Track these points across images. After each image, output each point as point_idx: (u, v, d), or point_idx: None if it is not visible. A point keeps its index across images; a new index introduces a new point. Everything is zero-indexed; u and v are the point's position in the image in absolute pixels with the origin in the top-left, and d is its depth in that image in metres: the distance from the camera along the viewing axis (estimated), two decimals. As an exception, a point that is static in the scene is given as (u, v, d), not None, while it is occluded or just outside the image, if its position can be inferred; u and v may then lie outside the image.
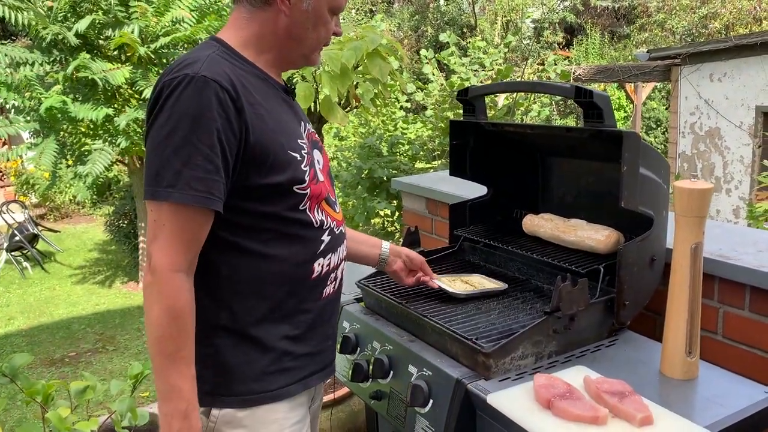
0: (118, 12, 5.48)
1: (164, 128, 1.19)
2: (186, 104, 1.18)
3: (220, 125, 1.19)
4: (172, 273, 1.19)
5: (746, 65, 7.17)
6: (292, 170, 1.30)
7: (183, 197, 1.17)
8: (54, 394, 2.08)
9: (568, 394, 1.30)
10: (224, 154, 1.21)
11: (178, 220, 1.19)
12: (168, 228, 1.19)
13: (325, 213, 1.41)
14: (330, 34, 1.40)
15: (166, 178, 1.17)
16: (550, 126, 1.92)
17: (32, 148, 5.86)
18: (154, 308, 1.19)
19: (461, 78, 6.24)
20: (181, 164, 1.17)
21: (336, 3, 1.37)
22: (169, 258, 1.18)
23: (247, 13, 1.33)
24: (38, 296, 6.85)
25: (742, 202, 7.26)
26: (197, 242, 1.23)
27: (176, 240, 1.19)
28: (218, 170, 1.20)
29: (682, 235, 1.42)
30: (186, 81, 1.19)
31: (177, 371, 1.20)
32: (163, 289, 1.18)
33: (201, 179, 1.18)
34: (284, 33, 1.34)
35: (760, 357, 1.55)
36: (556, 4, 16.98)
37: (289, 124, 1.36)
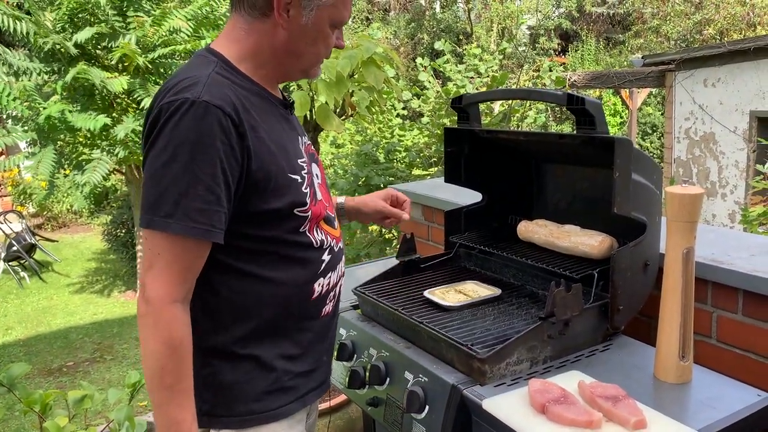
0: (115, 23, 5.50)
1: (163, 155, 1.14)
2: (186, 131, 1.13)
3: (222, 153, 1.15)
4: (168, 304, 1.15)
5: (740, 70, 7.22)
6: (293, 194, 1.28)
7: (181, 228, 1.13)
8: (52, 404, 2.09)
9: (562, 399, 1.31)
10: (227, 182, 1.17)
11: (175, 251, 1.15)
12: (164, 258, 1.14)
13: (324, 232, 1.38)
14: (330, 48, 1.35)
15: (163, 207, 1.13)
16: (543, 133, 1.94)
17: (30, 157, 5.87)
18: (150, 341, 1.16)
19: (457, 85, 6.27)
20: (180, 194, 1.13)
21: (338, 17, 1.30)
22: (165, 289, 1.15)
23: (245, 24, 1.28)
24: (36, 306, 6.84)
25: (737, 207, 7.29)
26: (194, 273, 1.19)
27: (173, 270, 1.15)
28: (219, 200, 1.16)
29: (673, 241, 1.44)
30: (187, 106, 1.14)
31: (177, 404, 1.18)
32: (160, 320, 1.15)
33: (201, 210, 1.14)
34: (282, 47, 1.28)
35: (753, 360, 1.56)
36: (552, 11, 17.06)
37: (289, 144, 1.32)
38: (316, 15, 1.26)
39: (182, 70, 1.25)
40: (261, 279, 1.28)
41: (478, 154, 2.05)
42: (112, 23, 5.48)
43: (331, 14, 1.28)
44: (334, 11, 1.28)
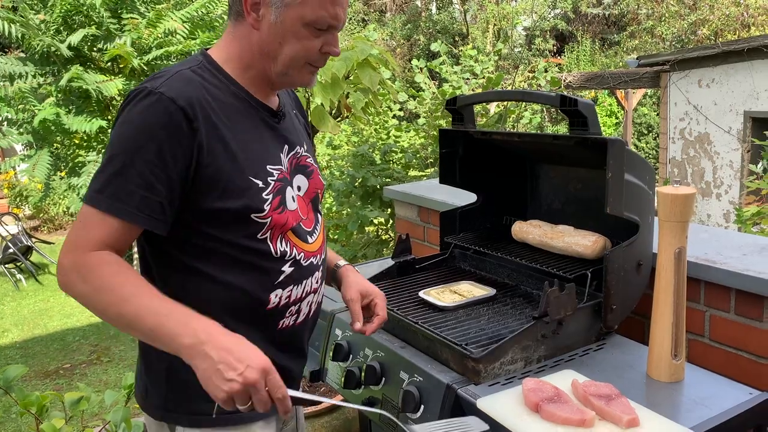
0: (110, 24, 5.50)
1: (113, 135, 1.19)
2: (135, 116, 1.17)
3: (165, 143, 1.16)
4: (67, 254, 1.15)
5: (734, 71, 7.25)
6: (250, 197, 1.24)
7: (106, 206, 1.15)
8: (48, 406, 2.09)
9: (556, 398, 1.32)
10: (166, 172, 1.17)
11: (96, 224, 1.15)
12: (84, 225, 1.16)
13: (291, 244, 1.33)
14: (313, 52, 1.28)
15: (97, 183, 1.17)
16: (537, 134, 1.95)
17: (25, 160, 5.86)
18: (76, 293, 1.14)
19: (453, 86, 6.28)
20: (113, 173, 1.15)
21: (311, 15, 1.23)
22: (78, 245, 1.15)
23: (231, 28, 1.30)
24: (32, 308, 6.82)
25: (731, 207, 7.32)
26: (109, 247, 1.17)
27: (89, 236, 1.15)
28: (152, 187, 1.16)
29: (665, 240, 1.45)
30: (143, 94, 1.18)
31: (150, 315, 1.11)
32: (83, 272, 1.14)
33: (130, 192, 1.15)
34: (258, 49, 1.27)
35: (745, 359, 1.58)
36: (547, 12, 17.10)
37: (260, 148, 1.30)
38: (285, 13, 1.22)
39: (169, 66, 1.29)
40: (211, 279, 1.26)
41: (473, 155, 2.06)
42: (107, 25, 5.47)
43: (302, 13, 1.22)
44: (305, 9, 1.22)
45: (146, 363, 1.36)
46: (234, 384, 1.05)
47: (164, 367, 1.30)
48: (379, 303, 1.51)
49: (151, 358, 1.33)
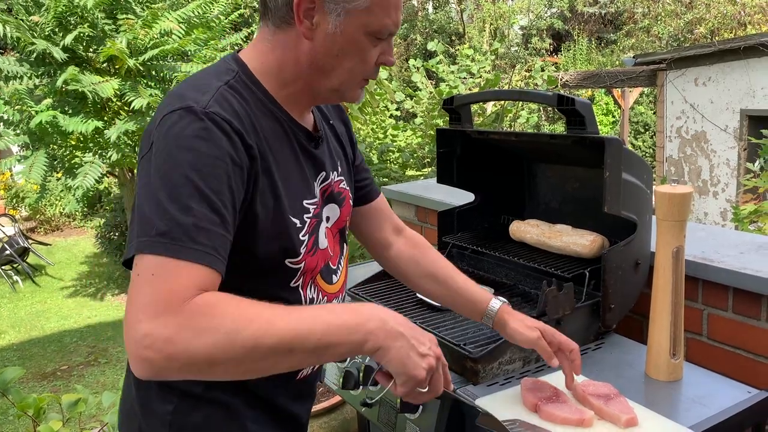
0: (105, 25, 5.49)
1: (160, 169, 0.94)
2: (191, 142, 0.95)
3: (231, 170, 0.97)
4: (158, 318, 0.86)
5: (730, 69, 7.26)
6: (285, 239, 1.08)
7: (178, 250, 0.90)
8: (46, 408, 2.09)
9: (554, 398, 1.32)
10: (233, 204, 0.97)
11: (177, 274, 0.89)
12: (153, 279, 0.89)
13: (317, 289, 1.18)
14: (371, 64, 1.11)
15: (157, 225, 0.91)
16: (534, 133, 1.95)
17: (22, 161, 5.85)
18: (198, 352, 0.86)
19: (450, 86, 6.29)
20: (179, 210, 0.92)
21: (376, 25, 1.06)
22: (164, 308, 0.87)
23: (270, 34, 1.10)
24: (29, 310, 6.81)
25: (728, 205, 7.33)
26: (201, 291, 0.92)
27: (158, 295, 0.88)
28: (224, 223, 0.95)
29: (663, 239, 1.45)
30: (193, 114, 0.97)
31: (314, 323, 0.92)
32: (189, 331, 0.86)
33: (203, 230, 0.92)
34: (306, 62, 1.08)
35: (743, 357, 1.58)
36: (544, 11, 17.12)
37: (299, 181, 1.13)
38: (346, 21, 1.04)
39: (196, 75, 1.10)
40: None
41: (470, 154, 2.06)
42: (101, 26, 5.46)
43: (366, 21, 1.05)
44: (369, 18, 1.05)
45: (143, 403, 1.16)
46: (429, 358, 0.98)
47: (170, 410, 1.12)
48: (562, 338, 1.34)
49: (151, 398, 1.14)
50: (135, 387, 1.17)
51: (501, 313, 1.37)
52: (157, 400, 1.13)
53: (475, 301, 1.40)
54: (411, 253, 1.46)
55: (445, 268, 1.43)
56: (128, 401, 1.21)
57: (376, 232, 1.47)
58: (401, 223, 1.51)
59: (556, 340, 1.33)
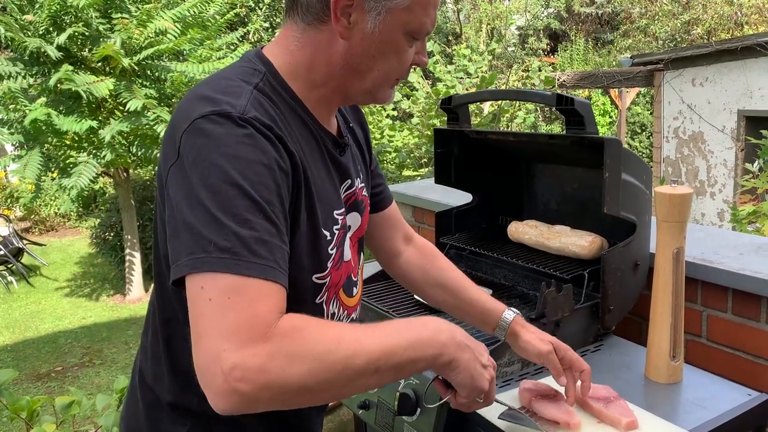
0: (99, 24, 5.46)
1: (206, 179, 0.87)
2: (234, 149, 0.88)
3: (279, 178, 0.91)
4: (249, 347, 0.80)
5: (728, 70, 7.27)
6: (316, 254, 1.03)
7: (242, 266, 0.84)
8: (39, 410, 2.07)
9: (550, 397, 1.30)
10: (284, 215, 0.92)
11: (243, 293, 0.83)
12: (228, 305, 0.82)
13: (338, 303, 1.13)
14: (406, 65, 1.06)
15: (214, 241, 0.84)
16: (533, 133, 1.94)
17: (16, 160, 5.82)
18: (292, 380, 0.82)
19: (447, 86, 6.28)
20: (236, 223, 0.85)
21: (416, 24, 1.01)
22: (248, 335, 0.81)
23: (299, 33, 1.03)
24: (23, 311, 6.78)
25: (726, 206, 7.34)
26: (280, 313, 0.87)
27: (241, 321, 0.82)
28: (280, 234, 0.89)
29: (663, 241, 1.44)
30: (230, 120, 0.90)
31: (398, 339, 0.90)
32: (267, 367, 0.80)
33: (264, 242, 0.86)
34: (341, 62, 1.02)
35: (743, 359, 1.57)
36: (541, 11, 17.13)
37: (330, 191, 1.08)
38: (386, 20, 0.99)
39: (222, 75, 1.02)
40: None
41: (468, 154, 2.04)
42: (96, 25, 5.44)
43: (405, 20, 1.00)
44: (409, 17, 1.00)
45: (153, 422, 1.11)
46: (490, 369, 1.00)
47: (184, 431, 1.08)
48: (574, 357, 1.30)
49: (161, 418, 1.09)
50: (144, 405, 1.12)
51: (514, 324, 1.34)
52: (168, 422, 1.08)
53: (488, 311, 1.36)
54: (420, 263, 1.42)
55: (455, 279, 1.39)
56: (134, 417, 1.15)
57: (388, 242, 1.42)
58: (411, 231, 1.46)
59: (567, 357, 1.29)
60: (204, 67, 5.79)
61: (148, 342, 1.13)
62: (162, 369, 1.08)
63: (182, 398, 1.06)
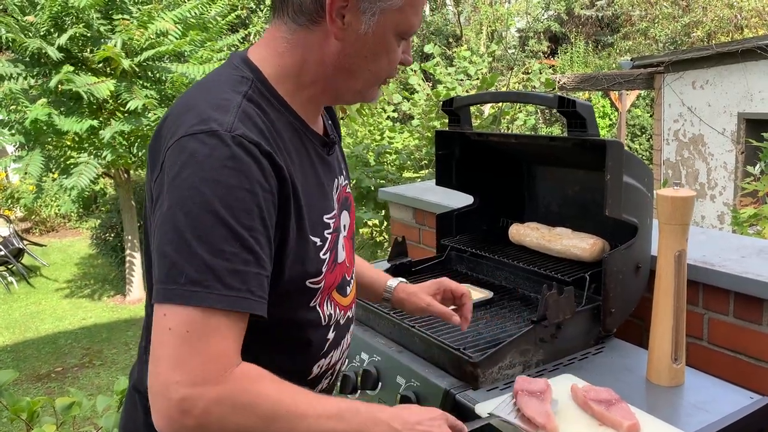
0: (100, 26, 5.47)
1: (185, 205, 0.87)
2: (216, 173, 0.88)
3: (262, 200, 0.91)
4: (201, 386, 0.85)
5: (728, 72, 7.27)
6: (308, 261, 1.04)
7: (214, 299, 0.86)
8: (39, 411, 2.07)
9: (538, 394, 1.28)
10: (267, 236, 0.92)
11: (203, 327, 0.85)
12: (186, 338, 0.85)
13: (334, 304, 1.14)
14: (395, 64, 1.08)
15: (186, 272, 0.86)
16: (534, 136, 1.94)
17: (17, 161, 5.82)
18: (228, 425, 0.86)
19: (447, 87, 6.28)
20: (209, 252, 0.86)
21: (406, 25, 1.04)
22: (202, 374, 0.85)
23: (289, 33, 1.02)
24: (24, 311, 6.77)
25: (726, 208, 7.34)
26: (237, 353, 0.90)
27: (197, 359, 0.85)
28: (258, 260, 0.90)
29: (665, 243, 1.43)
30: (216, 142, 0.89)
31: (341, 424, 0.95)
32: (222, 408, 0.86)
33: (236, 272, 0.88)
34: (333, 62, 1.03)
35: (744, 362, 1.56)
36: (541, 14, 17.14)
37: (320, 195, 1.08)
38: (379, 22, 1.00)
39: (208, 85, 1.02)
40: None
41: (470, 156, 2.04)
42: (97, 26, 5.44)
43: (397, 21, 1.02)
44: (401, 18, 1.02)
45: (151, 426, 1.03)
46: None
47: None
48: (455, 288, 1.42)
49: None
50: (142, 410, 1.11)
51: (397, 292, 1.42)
52: None
53: (374, 283, 1.43)
54: None
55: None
56: (133, 420, 1.15)
57: None
58: None
59: (450, 293, 1.42)
60: (205, 68, 5.79)
61: (143, 348, 1.13)
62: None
63: None
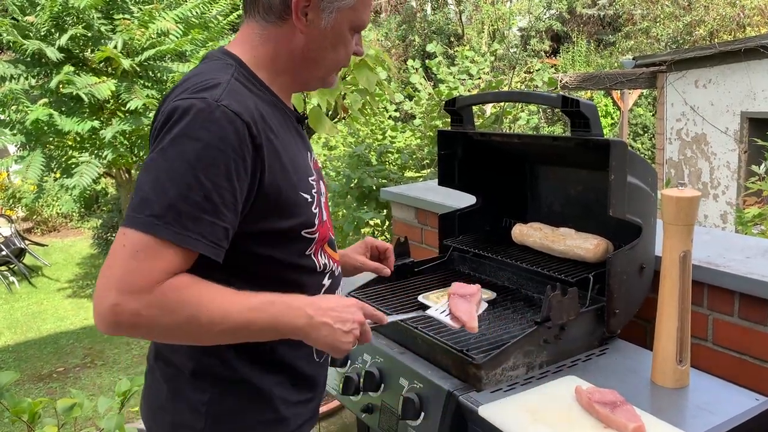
0: (101, 25, 5.46)
1: (166, 153, 1.04)
2: (198, 132, 1.05)
3: (232, 163, 1.06)
4: (131, 294, 1.01)
5: (731, 71, 7.25)
6: (304, 213, 1.21)
7: (168, 234, 1.02)
8: (41, 412, 2.06)
9: (468, 296, 1.45)
10: (233, 194, 1.07)
11: (150, 252, 1.02)
12: (135, 253, 1.02)
13: (327, 255, 1.32)
14: (350, 54, 1.28)
15: (153, 207, 1.02)
16: (537, 135, 1.93)
17: (18, 161, 5.81)
18: (159, 329, 1.05)
19: (449, 87, 6.26)
20: (175, 196, 1.02)
21: (358, 20, 1.23)
22: (138, 286, 1.01)
23: (261, 29, 1.21)
24: (25, 311, 6.77)
25: (729, 207, 7.32)
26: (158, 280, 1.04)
27: (139, 266, 1.02)
28: (216, 211, 1.06)
29: (670, 244, 1.42)
30: (203, 107, 1.06)
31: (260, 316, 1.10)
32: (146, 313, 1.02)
33: (194, 218, 1.04)
34: (300, 53, 1.21)
35: (749, 363, 1.55)
36: (543, 13, 17.11)
37: (301, 160, 1.25)
38: (336, 18, 1.20)
39: (199, 71, 1.18)
40: None
41: (472, 156, 2.03)
42: (98, 26, 5.43)
43: (351, 17, 1.22)
44: (354, 14, 1.22)
45: (175, 395, 1.23)
46: (355, 330, 1.18)
47: (205, 399, 1.20)
48: (378, 244, 1.64)
49: (183, 389, 1.22)
50: (164, 380, 1.24)
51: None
52: (190, 391, 1.21)
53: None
54: None
55: None
56: (156, 395, 1.27)
57: None
58: None
59: (377, 250, 1.64)
60: (206, 68, 5.78)
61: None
62: None
63: (204, 362, 1.20)
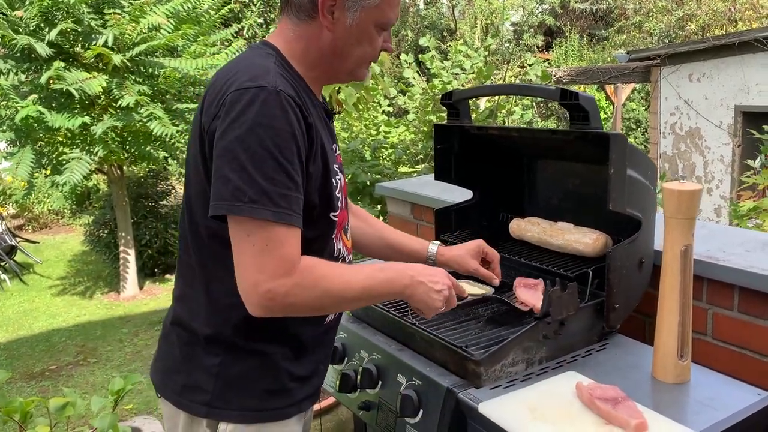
0: (91, 20, 5.39)
1: (243, 141, 1.14)
2: (269, 118, 1.14)
3: (300, 141, 1.17)
4: (279, 279, 1.14)
5: (724, 65, 7.25)
6: (333, 196, 1.31)
7: (270, 214, 1.13)
8: (33, 412, 2.03)
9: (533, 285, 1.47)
10: (302, 169, 1.19)
11: (264, 236, 1.14)
12: (258, 242, 1.15)
13: (342, 242, 1.41)
14: (377, 50, 1.36)
15: (248, 193, 1.13)
16: (535, 129, 1.91)
17: (8, 158, 5.75)
18: (305, 304, 1.19)
19: (443, 81, 6.24)
20: (265, 179, 1.13)
21: (383, 18, 1.31)
22: (282, 271, 1.15)
23: (294, 26, 1.30)
24: (17, 309, 6.71)
25: (723, 201, 7.34)
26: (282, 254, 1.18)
27: (276, 261, 1.15)
28: (298, 187, 1.18)
29: (671, 238, 1.41)
30: (265, 93, 1.15)
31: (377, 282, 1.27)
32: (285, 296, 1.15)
33: (284, 196, 1.15)
34: (329, 49, 1.30)
35: (750, 358, 1.54)
36: (535, 7, 17.09)
37: (330, 150, 1.34)
38: (360, 16, 1.27)
39: (245, 59, 1.27)
40: None
41: (469, 150, 2.01)
42: (88, 21, 5.36)
43: (375, 15, 1.29)
44: (378, 12, 1.29)
45: (188, 358, 1.33)
46: (445, 290, 1.34)
47: (217, 362, 1.30)
48: (489, 251, 1.68)
49: (197, 353, 1.32)
50: (180, 344, 1.36)
51: (439, 256, 1.66)
52: (204, 354, 1.31)
53: (417, 252, 1.69)
54: (358, 224, 1.69)
55: (389, 233, 1.73)
56: (169, 360, 1.39)
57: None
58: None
59: (489, 256, 1.68)
60: (198, 63, 5.72)
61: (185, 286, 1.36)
62: (200, 307, 1.31)
63: (219, 329, 1.29)
